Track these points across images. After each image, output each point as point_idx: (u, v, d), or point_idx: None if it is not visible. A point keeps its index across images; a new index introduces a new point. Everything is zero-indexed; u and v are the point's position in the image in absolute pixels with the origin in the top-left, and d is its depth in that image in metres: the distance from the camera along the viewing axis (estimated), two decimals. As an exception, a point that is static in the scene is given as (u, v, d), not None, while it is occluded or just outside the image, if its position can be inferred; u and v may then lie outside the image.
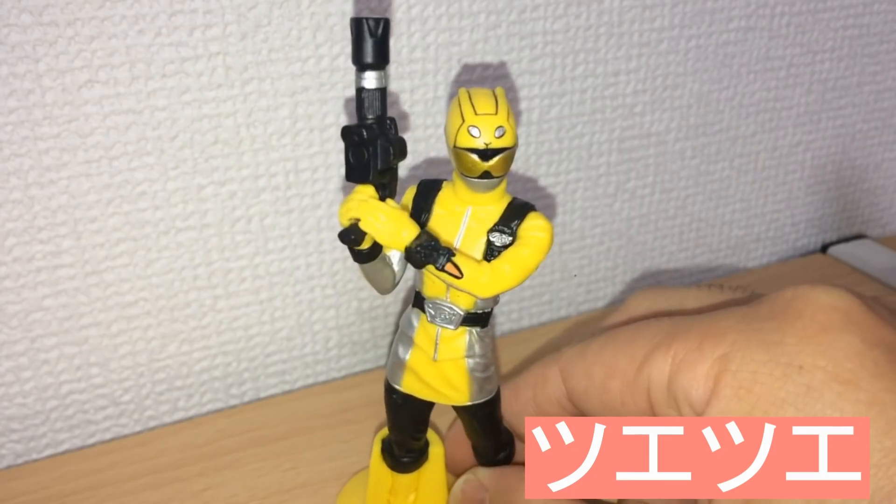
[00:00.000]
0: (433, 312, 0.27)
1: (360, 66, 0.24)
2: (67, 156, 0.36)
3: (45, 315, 0.38)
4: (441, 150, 0.43)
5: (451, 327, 0.27)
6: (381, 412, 0.40)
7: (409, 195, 0.28)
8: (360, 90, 0.24)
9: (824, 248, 0.57)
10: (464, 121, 0.24)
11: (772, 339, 0.21)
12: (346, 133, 0.24)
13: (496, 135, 0.24)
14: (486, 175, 0.24)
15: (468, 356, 0.27)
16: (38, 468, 0.38)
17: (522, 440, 0.30)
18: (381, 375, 0.44)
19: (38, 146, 0.35)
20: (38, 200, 0.36)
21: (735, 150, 0.52)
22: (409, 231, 0.25)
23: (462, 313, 0.27)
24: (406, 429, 0.30)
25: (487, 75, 0.43)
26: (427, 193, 0.27)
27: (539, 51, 0.44)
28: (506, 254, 0.25)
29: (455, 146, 0.24)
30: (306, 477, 0.37)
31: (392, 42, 0.40)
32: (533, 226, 0.26)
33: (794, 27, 0.50)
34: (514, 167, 0.45)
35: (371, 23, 0.23)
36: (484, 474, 0.30)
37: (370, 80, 0.24)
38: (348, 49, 0.39)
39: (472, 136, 0.24)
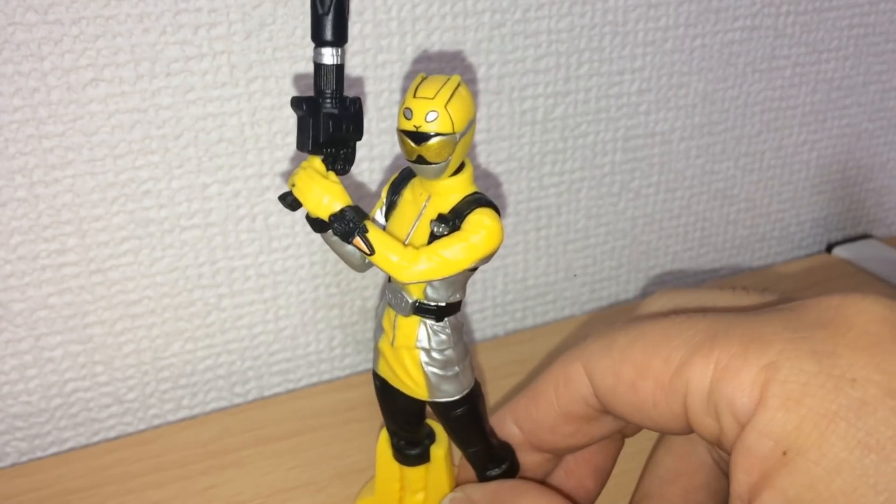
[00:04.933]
0: (390, 297, 0.27)
1: (318, 42, 0.24)
2: (72, 154, 0.36)
3: (50, 313, 0.38)
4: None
5: (403, 314, 0.27)
6: (384, 411, 0.40)
7: (390, 180, 0.28)
8: (317, 65, 0.25)
9: (829, 248, 0.57)
10: (403, 103, 0.25)
11: (823, 350, 0.20)
12: (293, 103, 0.25)
13: (427, 118, 0.24)
14: (420, 160, 0.24)
15: (420, 347, 0.27)
16: (42, 466, 0.38)
17: (544, 451, 0.28)
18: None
19: (42, 144, 0.35)
20: (42, 199, 0.36)
21: (740, 150, 0.52)
22: (333, 202, 0.25)
23: (411, 301, 0.26)
24: (393, 417, 0.30)
25: (492, 74, 0.43)
26: (403, 181, 0.27)
27: (544, 50, 0.44)
28: (434, 244, 0.25)
29: (397, 127, 0.25)
30: (310, 475, 0.37)
31: (396, 41, 0.40)
32: (474, 221, 0.25)
33: (799, 26, 0.50)
34: (518, 165, 0.45)
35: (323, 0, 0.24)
36: (473, 490, 0.29)
37: (326, 56, 0.24)
38: (352, 48, 0.39)
39: (405, 118, 0.24)
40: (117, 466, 0.37)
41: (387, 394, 0.29)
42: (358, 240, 0.25)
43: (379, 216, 0.28)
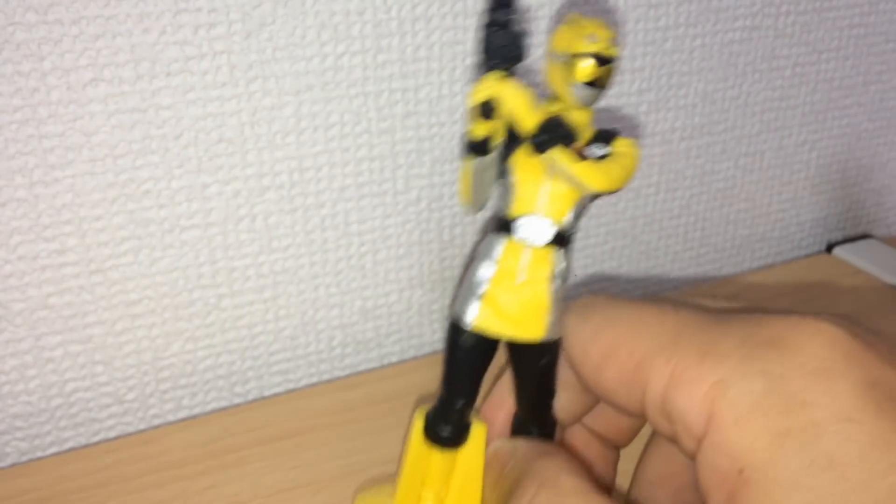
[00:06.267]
0: (523, 228, 0.27)
1: None
2: (72, 154, 0.36)
3: (50, 313, 0.38)
4: (445, 150, 0.43)
5: (541, 243, 0.27)
6: (385, 411, 0.40)
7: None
8: None
9: (829, 248, 0.57)
10: (577, 26, 0.26)
11: (773, 371, 0.21)
12: (493, 10, 0.26)
13: (612, 42, 0.25)
14: (597, 82, 0.26)
15: (553, 277, 0.27)
16: (42, 466, 0.38)
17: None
18: (384, 374, 0.45)
19: (42, 144, 0.35)
20: (42, 199, 0.36)
21: (740, 150, 0.52)
22: (540, 112, 0.26)
23: (554, 227, 0.27)
24: (465, 381, 0.28)
25: (492, 74, 0.43)
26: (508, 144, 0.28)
27: (543, 50, 0.44)
28: (610, 157, 0.26)
29: (572, 52, 0.26)
30: (310, 476, 0.37)
31: (396, 41, 0.40)
32: (626, 142, 0.27)
33: (799, 26, 0.50)
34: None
35: None
36: (522, 444, 0.28)
37: None
38: (353, 48, 0.39)
39: (589, 41, 0.25)
40: (117, 466, 0.37)
41: (473, 353, 0.28)
42: (577, 144, 0.25)
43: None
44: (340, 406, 0.41)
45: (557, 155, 0.25)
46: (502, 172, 0.27)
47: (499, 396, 0.30)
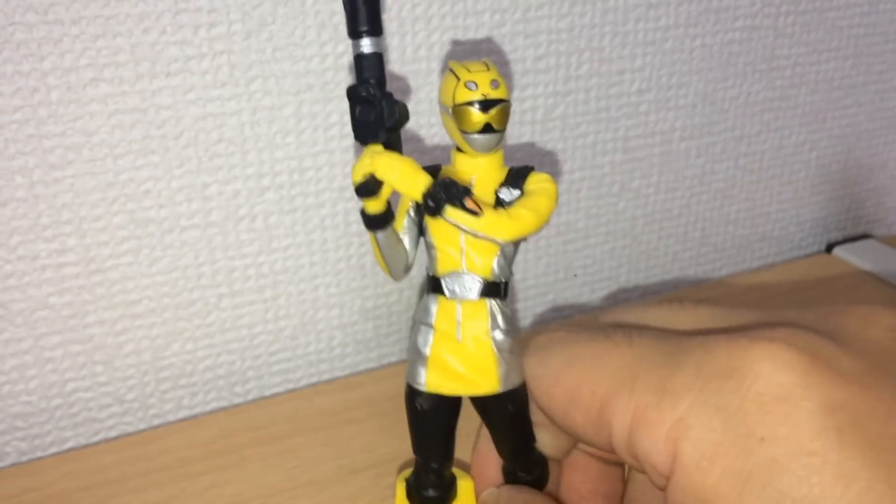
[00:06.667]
0: (451, 285, 0.27)
1: (355, 35, 0.25)
2: (72, 154, 0.36)
3: (50, 313, 0.38)
4: (445, 150, 0.43)
5: (473, 297, 0.27)
6: (384, 411, 0.40)
7: (405, 203, 0.28)
8: (358, 56, 0.25)
9: (829, 248, 0.57)
10: (459, 79, 0.25)
11: (730, 406, 0.20)
12: (353, 91, 0.25)
13: (492, 86, 0.25)
14: (488, 128, 0.25)
15: (493, 329, 0.27)
16: (42, 466, 0.38)
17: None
18: (384, 374, 0.45)
19: (42, 144, 0.35)
20: (42, 199, 0.36)
21: (740, 150, 0.52)
22: (425, 176, 0.26)
23: (481, 280, 0.27)
24: (433, 442, 0.28)
25: (492, 74, 0.43)
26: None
27: (544, 50, 0.44)
28: (519, 201, 0.26)
29: (454, 104, 0.25)
30: (310, 475, 0.37)
31: (396, 41, 0.40)
32: (539, 178, 0.26)
33: (799, 26, 0.50)
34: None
35: None
36: (507, 492, 0.28)
37: (367, 45, 0.25)
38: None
39: (469, 90, 0.25)
40: (117, 466, 0.37)
41: (433, 415, 0.28)
42: (470, 201, 0.25)
43: (406, 234, 0.28)
44: (340, 406, 0.41)
45: (454, 216, 0.25)
46: (422, 232, 0.27)
47: (483, 450, 0.30)
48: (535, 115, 0.45)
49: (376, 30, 0.25)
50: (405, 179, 0.25)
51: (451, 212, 0.25)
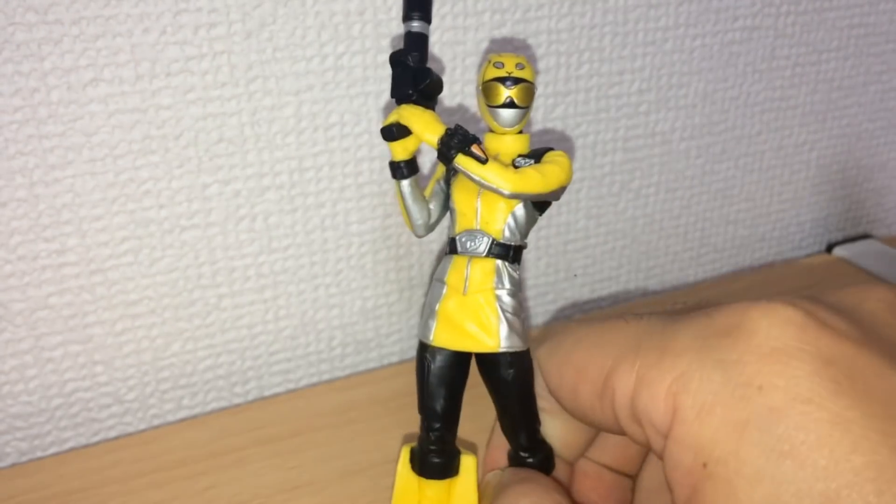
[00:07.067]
0: (464, 241, 0.29)
1: (408, 17, 0.28)
2: (72, 154, 0.36)
3: (50, 313, 0.38)
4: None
5: (482, 252, 0.28)
6: (384, 411, 0.40)
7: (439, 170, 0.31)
8: (407, 33, 0.28)
9: (829, 248, 0.57)
10: (490, 61, 0.28)
11: (728, 358, 0.21)
12: (395, 55, 0.29)
13: (517, 67, 0.28)
14: (510, 104, 0.28)
15: (497, 287, 0.28)
16: (42, 466, 0.38)
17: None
18: (384, 374, 0.45)
19: (42, 145, 0.35)
20: (42, 199, 0.36)
21: (740, 150, 0.52)
22: (443, 126, 0.28)
23: (491, 239, 0.28)
24: (438, 401, 0.29)
25: (492, 74, 0.43)
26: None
27: (544, 50, 0.44)
28: (531, 165, 0.28)
29: (483, 81, 0.28)
30: (310, 476, 0.37)
31: (397, 42, 0.40)
32: (554, 152, 0.29)
33: (799, 26, 0.50)
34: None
35: None
36: (510, 473, 0.28)
37: (416, 26, 0.28)
38: (353, 48, 0.39)
39: (496, 68, 0.28)
40: (117, 466, 0.37)
41: (440, 372, 0.29)
42: (477, 147, 0.27)
43: (434, 199, 0.30)
44: (340, 406, 0.41)
45: (462, 162, 0.27)
46: (446, 197, 0.30)
47: (496, 440, 0.30)
48: (535, 115, 0.45)
49: (426, 16, 0.28)
50: (425, 127, 0.28)
51: (460, 159, 0.27)
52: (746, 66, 0.50)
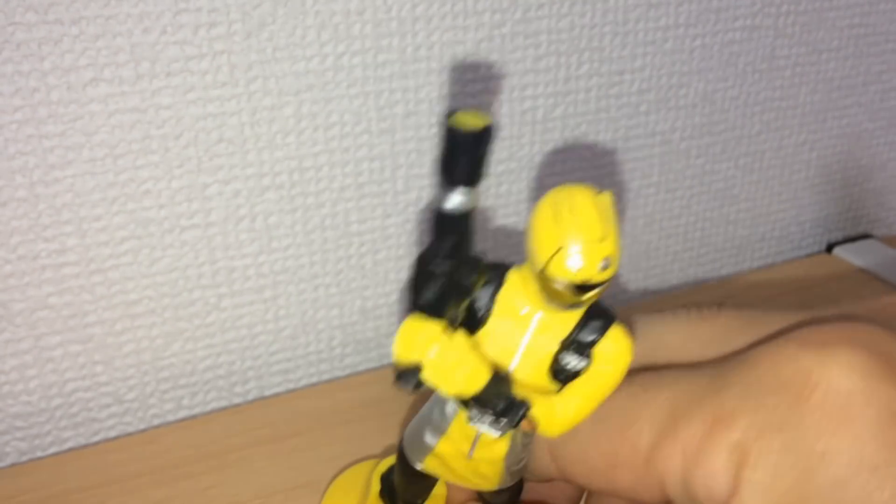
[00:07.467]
0: (478, 416, 0.21)
1: (449, 183, 0.19)
2: (72, 154, 0.36)
3: (50, 313, 0.38)
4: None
5: (498, 434, 0.22)
6: (384, 411, 0.40)
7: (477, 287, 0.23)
8: (437, 212, 0.20)
9: (829, 248, 0.57)
10: (561, 245, 0.19)
11: (788, 422, 0.19)
12: (419, 260, 0.21)
13: (600, 266, 0.20)
14: (576, 305, 0.21)
15: (508, 458, 0.24)
16: (42, 466, 0.38)
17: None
18: (384, 374, 0.44)
19: (42, 144, 0.35)
20: (42, 199, 0.36)
21: (740, 150, 0.52)
22: (481, 376, 0.21)
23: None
24: (417, 493, 0.27)
25: (492, 74, 0.43)
26: (487, 286, 0.22)
27: (544, 49, 0.44)
28: (577, 385, 0.22)
29: (544, 270, 0.19)
30: (310, 476, 0.37)
31: (396, 41, 0.40)
32: (613, 351, 0.22)
33: (799, 26, 0.50)
34: (518, 166, 0.45)
35: (462, 133, 0.18)
36: None
37: (452, 200, 0.19)
38: (353, 48, 0.39)
39: (568, 267, 0.19)
40: (117, 466, 0.37)
41: (424, 478, 0.26)
42: (526, 421, 0.21)
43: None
44: (340, 406, 0.41)
45: (526, 427, 0.22)
46: None
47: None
48: (535, 115, 0.45)
49: (471, 178, 0.19)
50: (460, 384, 0.20)
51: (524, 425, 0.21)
52: (746, 66, 0.50)
